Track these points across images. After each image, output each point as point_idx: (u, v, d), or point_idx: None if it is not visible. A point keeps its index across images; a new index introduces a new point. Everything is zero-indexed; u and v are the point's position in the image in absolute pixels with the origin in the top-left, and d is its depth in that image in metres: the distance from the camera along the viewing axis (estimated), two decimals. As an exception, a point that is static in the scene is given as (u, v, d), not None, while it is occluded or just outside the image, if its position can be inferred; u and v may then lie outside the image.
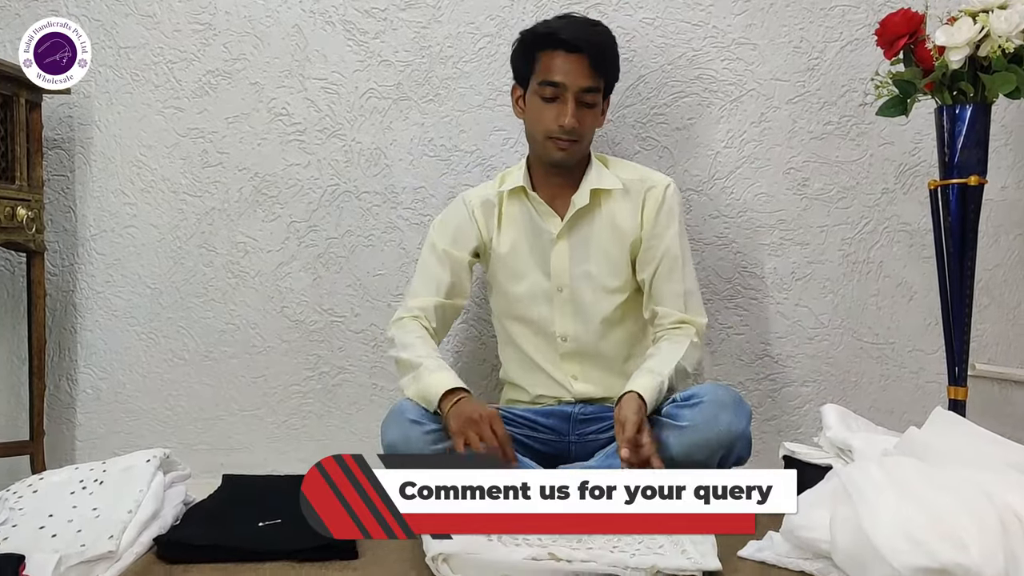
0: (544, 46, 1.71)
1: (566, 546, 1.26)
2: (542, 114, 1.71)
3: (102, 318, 2.09)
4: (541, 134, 1.71)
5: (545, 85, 1.69)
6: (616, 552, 1.25)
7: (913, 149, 2.05)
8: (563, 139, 1.69)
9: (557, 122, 1.68)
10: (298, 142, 2.07)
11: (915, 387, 2.09)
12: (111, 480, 1.37)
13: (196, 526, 1.35)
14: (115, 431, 2.09)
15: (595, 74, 1.70)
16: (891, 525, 1.06)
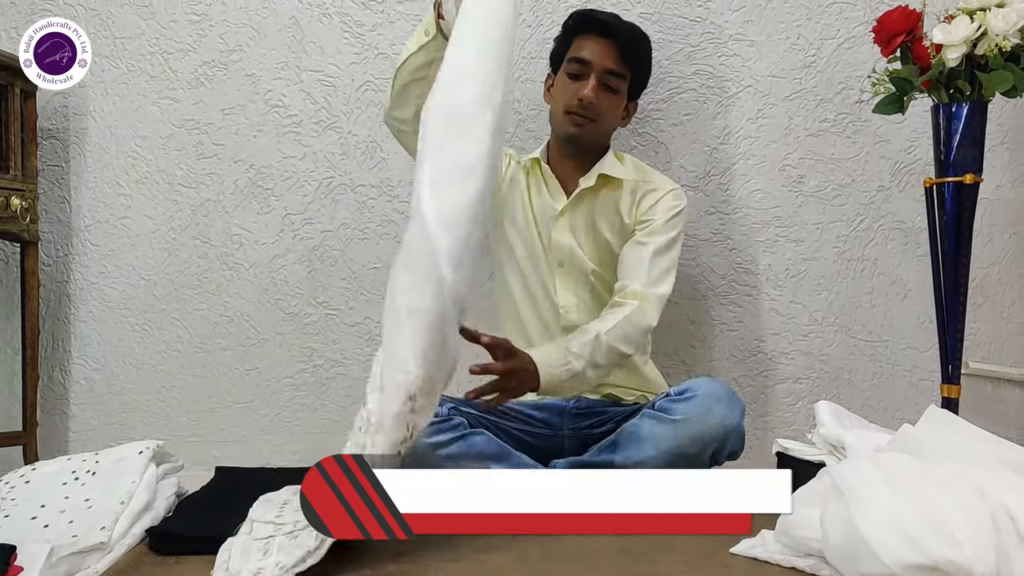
0: (581, 30, 1.78)
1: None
2: (565, 90, 1.75)
3: (96, 309, 2.08)
4: (561, 108, 1.76)
5: (573, 62, 1.75)
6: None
7: (909, 147, 2.05)
8: (580, 114, 1.73)
9: (576, 95, 1.72)
10: (294, 134, 2.07)
11: (908, 385, 2.09)
12: (104, 471, 1.36)
13: (188, 518, 1.34)
14: (108, 422, 2.09)
15: (622, 61, 1.74)
16: (883, 521, 1.06)
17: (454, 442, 1.60)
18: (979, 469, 1.16)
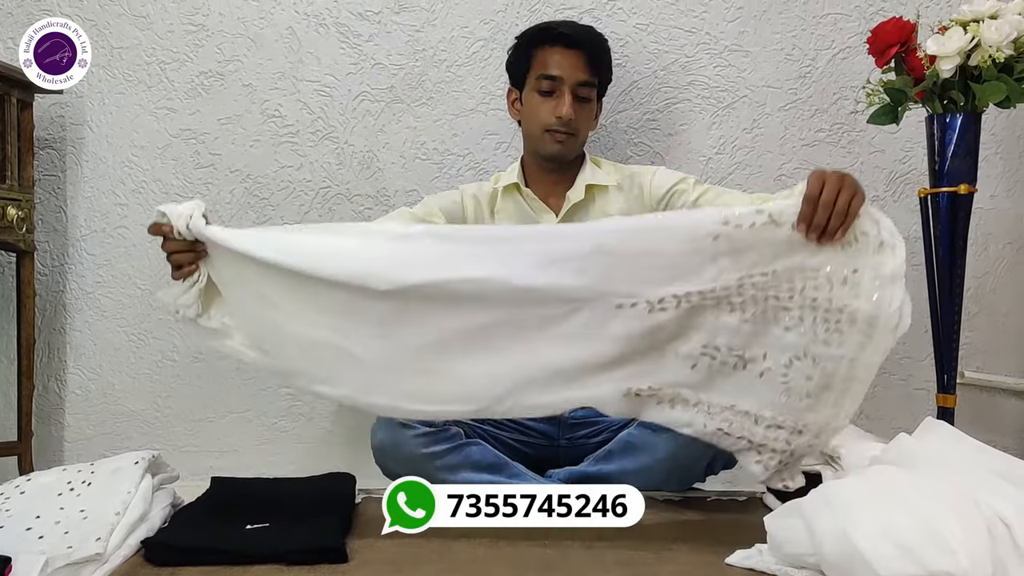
0: (541, 42, 1.76)
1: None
2: (539, 108, 1.74)
3: (92, 319, 2.08)
4: (538, 128, 1.74)
5: (543, 79, 1.73)
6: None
7: (903, 157, 2.06)
8: (560, 131, 1.72)
9: (554, 114, 1.71)
10: (290, 144, 2.07)
11: (904, 394, 2.09)
12: (99, 482, 1.36)
13: (184, 528, 1.34)
14: (104, 432, 2.09)
15: (591, 70, 1.74)
16: (878, 532, 1.06)
17: (450, 452, 1.59)
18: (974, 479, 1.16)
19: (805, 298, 1.31)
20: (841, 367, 1.30)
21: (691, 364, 1.34)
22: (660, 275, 1.33)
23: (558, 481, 1.66)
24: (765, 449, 1.35)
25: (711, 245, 1.30)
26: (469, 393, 1.38)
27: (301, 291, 1.36)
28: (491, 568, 1.23)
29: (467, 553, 1.27)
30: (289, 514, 1.39)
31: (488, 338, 1.36)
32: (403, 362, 1.38)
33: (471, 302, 1.34)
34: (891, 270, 1.29)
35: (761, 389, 1.33)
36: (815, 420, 1.32)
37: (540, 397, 1.37)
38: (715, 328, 1.33)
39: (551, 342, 1.35)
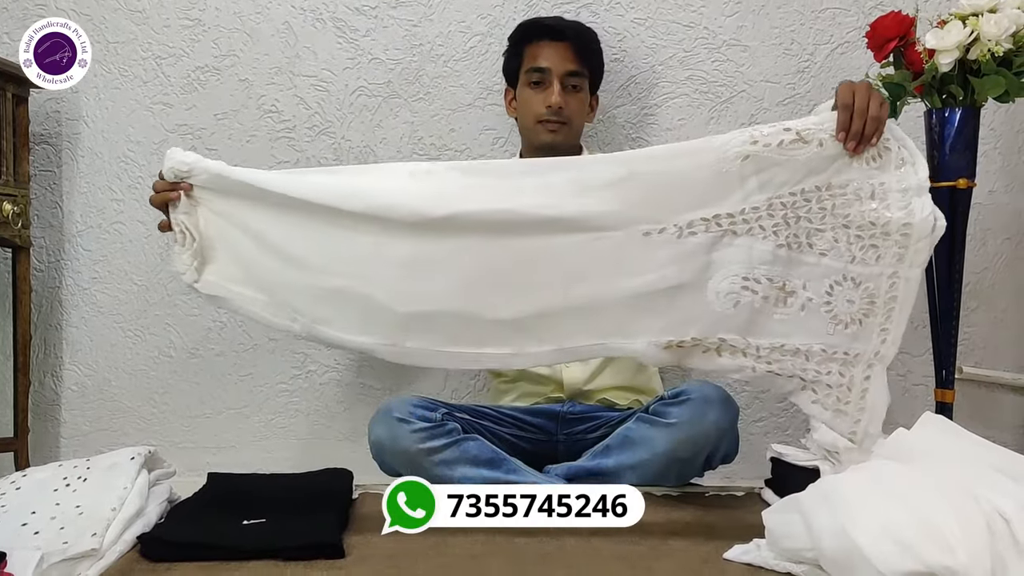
0: (530, 38, 1.81)
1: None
2: (531, 101, 1.78)
3: (88, 314, 2.08)
4: (531, 120, 1.78)
5: (532, 72, 1.78)
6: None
7: (902, 152, 2.05)
8: (552, 120, 1.76)
9: (545, 103, 1.75)
10: (287, 139, 2.06)
11: (902, 389, 2.08)
12: (95, 477, 1.35)
13: (180, 524, 1.33)
14: (100, 428, 2.08)
15: (579, 60, 1.78)
16: (876, 528, 1.05)
17: (447, 448, 1.59)
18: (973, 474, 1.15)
19: (837, 217, 1.33)
20: (882, 285, 1.33)
21: (733, 302, 1.35)
22: (688, 200, 1.35)
23: (556, 476, 1.65)
24: (820, 386, 1.36)
25: (739, 167, 1.33)
26: (507, 333, 1.39)
27: (320, 237, 1.38)
28: (489, 563, 1.23)
29: (464, 548, 1.27)
30: (286, 510, 1.38)
31: (518, 273, 1.37)
32: (433, 304, 1.38)
33: (501, 235, 1.36)
34: (916, 182, 1.33)
35: (807, 322, 1.35)
36: (863, 348, 1.34)
37: (578, 340, 1.38)
38: (750, 257, 1.34)
39: (582, 275, 1.36)
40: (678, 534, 1.36)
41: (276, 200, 1.40)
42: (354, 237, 1.38)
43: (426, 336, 1.41)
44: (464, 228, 1.36)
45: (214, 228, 1.44)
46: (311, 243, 1.40)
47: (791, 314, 1.35)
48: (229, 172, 1.42)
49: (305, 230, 1.40)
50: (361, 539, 1.32)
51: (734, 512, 1.49)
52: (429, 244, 1.37)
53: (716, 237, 1.35)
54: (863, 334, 1.34)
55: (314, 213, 1.39)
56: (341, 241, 1.39)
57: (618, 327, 1.38)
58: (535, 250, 1.37)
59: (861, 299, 1.33)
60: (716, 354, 1.37)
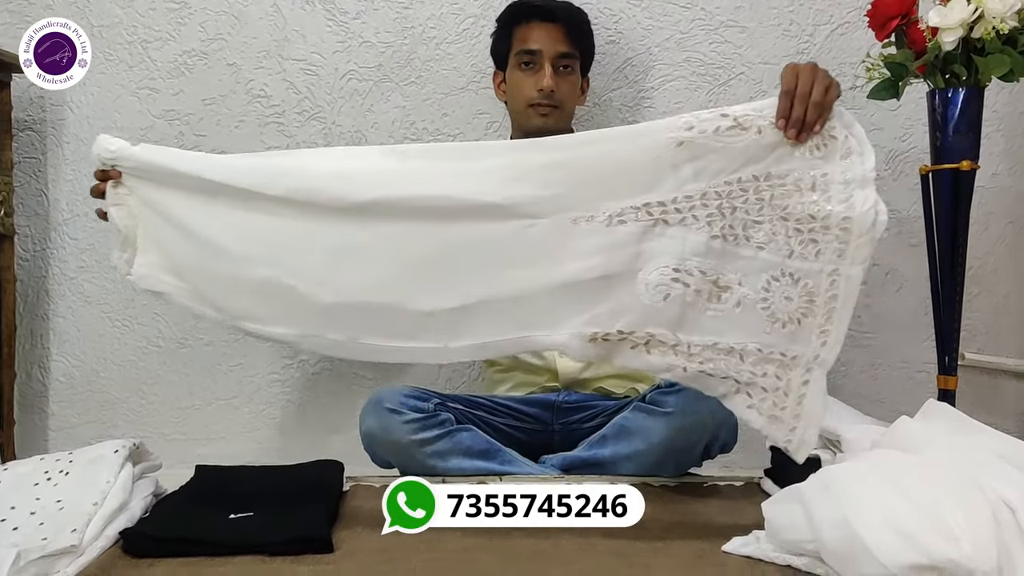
0: (520, 19, 1.77)
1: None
2: (521, 84, 1.74)
3: (75, 304, 2.04)
4: (522, 103, 1.74)
5: (522, 54, 1.74)
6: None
7: (903, 135, 2.02)
8: (543, 104, 1.72)
9: (536, 87, 1.71)
10: (276, 125, 2.02)
11: (904, 376, 2.06)
12: (77, 471, 1.31)
13: (164, 519, 1.30)
14: (88, 420, 2.05)
15: (571, 42, 1.74)
16: (879, 520, 1.02)
17: (440, 439, 1.56)
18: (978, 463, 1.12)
19: (775, 209, 1.26)
20: (821, 283, 1.25)
21: (663, 295, 1.28)
22: (620, 187, 1.29)
23: (552, 467, 1.63)
24: (755, 389, 1.28)
25: (673, 153, 1.27)
26: (430, 326, 1.33)
27: (242, 224, 1.33)
28: (482, 558, 1.19)
29: (457, 543, 1.23)
30: (274, 503, 1.35)
31: (445, 263, 1.32)
32: (356, 294, 1.33)
33: (428, 222, 1.31)
34: (861, 174, 1.25)
35: (742, 320, 1.27)
36: (802, 351, 1.26)
37: (505, 332, 1.32)
38: (683, 249, 1.28)
39: (510, 265, 1.31)
40: (676, 526, 1.33)
41: (201, 186, 1.34)
42: (276, 223, 1.33)
43: (348, 328, 1.35)
44: (389, 215, 1.30)
45: (143, 217, 1.38)
46: (234, 230, 1.34)
47: (725, 310, 1.28)
48: (153, 157, 1.35)
49: (228, 217, 1.34)
50: (351, 533, 1.29)
51: (733, 503, 1.46)
52: (353, 231, 1.31)
53: (647, 226, 1.28)
54: (802, 335, 1.26)
55: (237, 198, 1.33)
56: (263, 228, 1.33)
57: (543, 319, 1.31)
58: (463, 239, 1.32)
59: (800, 297, 1.26)
60: (645, 350, 1.29)
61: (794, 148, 1.27)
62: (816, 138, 1.26)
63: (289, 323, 1.36)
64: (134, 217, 1.38)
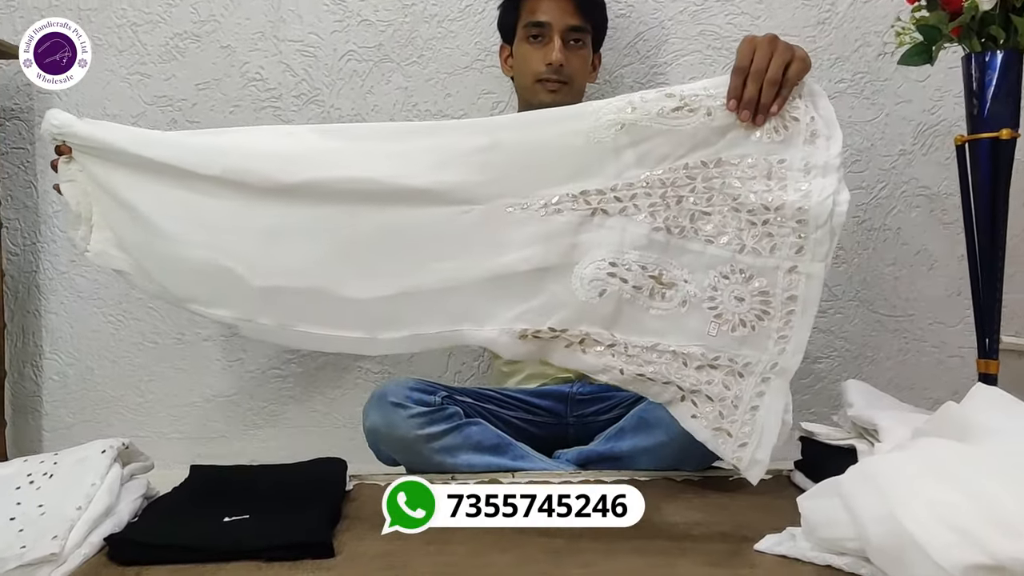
0: None
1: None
2: (529, 57, 1.65)
3: (67, 300, 1.97)
4: (530, 78, 1.65)
5: (531, 26, 1.65)
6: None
7: (933, 107, 1.92)
8: (552, 79, 1.63)
9: (544, 61, 1.62)
10: (273, 109, 1.94)
11: (936, 362, 1.96)
12: (62, 473, 1.23)
13: (154, 523, 1.21)
14: (84, 420, 1.98)
15: (581, 15, 1.65)
16: (932, 515, 0.93)
17: (448, 433, 1.48)
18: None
19: (726, 198, 1.17)
20: (777, 281, 1.15)
21: (599, 291, 1.19)
22: (557, 172, 1.21)
23: (567, 462, 1.56)
24: (700, 397, 1.18)
25: (614, 136, 1.19)
26: (359, 315, 1.26)
27: (181, 204, 1.27)
28: (496, 560, 1.11)
29: (468, 546, 1.15)
30: (272, 504, 1.26)
31: (373, 249, 1.25)
32: (286, 279, 1.26)
33: (356, 206, 1.24)
34: (823, 160, 1.15)
35: (686, 321, 1.18)
36: (756, 357, 1.16)
37: (433, 325, 1.25)
38: (622, 240, 1.19)
39: (441, 254, 1.24)
40: (702, 524, 1.24)
41: (143, 164, 1.28)
42: (214, 204, 1.27)
43: (278, 313, 1.28)
44: (319, 197, 1.24)
45: (95, 194, 1.32)
46: (175, 210, 1.29)
47: (670, 309, 1.19)
48: (96, 133, 1.30)
49: (169, 196, 1.28)
50: (353, 535, 1.20)
51: (762, 498, 1.36)
52: (284, 213, 1.25)
53: (584, 216, 1.20)
54: (754, 339, 1.17)
55: (178, 178, 1.27)
56: (202, 208, 1.28)
57: (472, 312, 1.24)
58: (392, 224, 1.24)
59: (752, 297, 1.16)
60: (580, 349, 1.21)
61: (750, 131, 1.18)
62: (775, 120, 1.17)
63: (229, 306, 1.31)
64: (87, 194, 1.32)
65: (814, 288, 1.15)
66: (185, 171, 1.26)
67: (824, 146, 1.16)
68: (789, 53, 1.18)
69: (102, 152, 1.30)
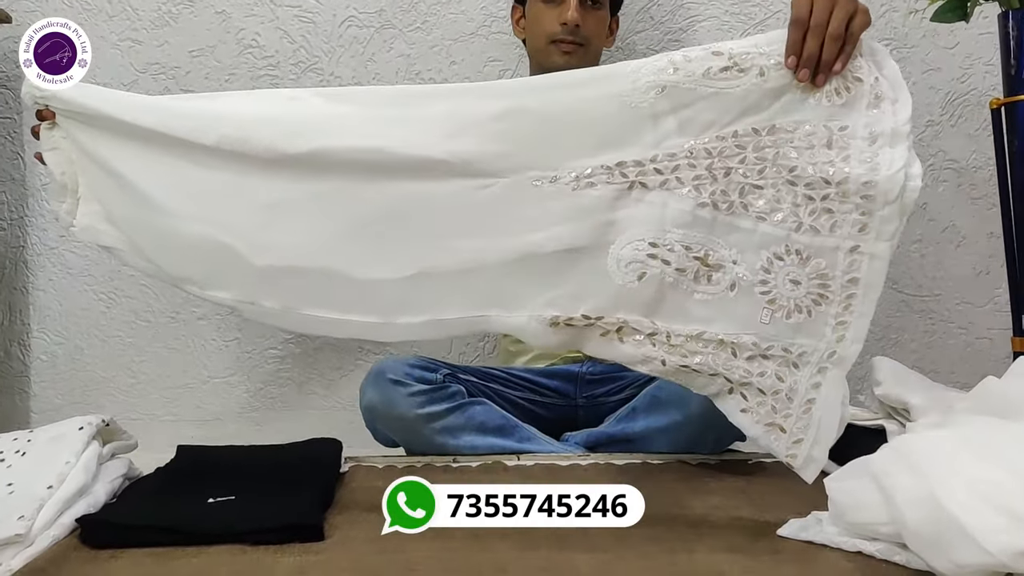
0: None
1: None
2: (543, 17, 1.56)
3: (56, 277, 1.90)
4: (544, 40, 1.56)
5: None
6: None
7: (962, 75, 1.84)
8: (567, 40, 1.54)
9: (559, 20, 1.53)
10: (270, 77, 1.88)
11: (964, 344, 1.88)
12: (35, 451, 1.16)
13: (133, 504, 1.14)
14: (73, 401, 1.91)
15: None
16: (976, 497, 0.84)
17: (451, 413, 1.42)
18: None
19: (780, 170, 1.06)
20: (838, 263, 1.04)
21: (637, 274, 1.08)
22: (589, 141, 1.10)
23: (575, 445, 1.49)
24: (750, 390, 1.07)
25: (653, 101, 1.08)
26: (372, 298, 1.15)
27: (175, 175, 1.17)
28: (496, 545, 1.04)
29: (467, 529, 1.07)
30: (260, 485, 1.19)
31: (388, 226, 1.14)
32: (292, 257, 1.16)
33: (368, 179, 1.13)
34: (891, 127, 1.04)
35: (735, 307, 1.07)
36: (813, 346, 1.06)
37: (454, 310, 1.14)
38: (663, 218, 1.08)
39: (461, 231, 1.13)
40: (720, 508, 1.17)
41: (134, 132, 1.18)
42: (210, 176, 1.17)
43: (284, 295, 1.17)
44: (325, 168, 1.13)
45: (81, 163, 1.23)
46: (168, 181, 1.19)
47: (717, 294, 1.08)
48: (83, 98, 1.20)
49: (162, 167, 1.18)
50: (346, 519, 1.13)
51: (783, 481, 1.26)
52: (288, 186, 1.15)
53: (621, 190, 1.08)
54: (811, 326, 1.06)
55: (171, 146, 1.17)
56: (197, 180, 1.18)
57: (498, 296, 1.13)
58: (408, 198, 1.13)
59: (810, 280, 1.05)
60: (617, 338, 1.09)
61: (807, 94, 1.06)
62: (836, 80, 1.06)
63: (227, 286, 1.20)
64: (72, 163, 1.22)
65: (878, 270, 1.04)
66: (178, 139, 1.17)
67: (890, 111, 1.05)
68: (852, 4, 1.06)
69: (88, 118, 1.20)
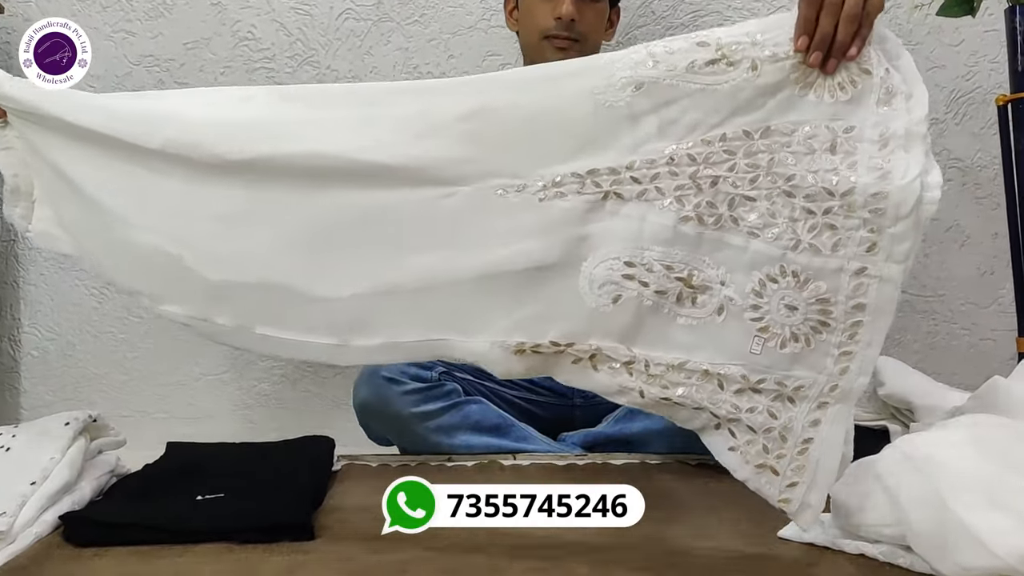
0: None
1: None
2: (536, 9, 1.51)
3: (48, 271, 1.89)
4: (537, 34, 1.51)
5: None
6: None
7: (967, 73, 1.82)
8: (561, 35, 1.49)
9: (554, 14, 1.47)
10: (266, 70, 1.86)
11: (968, 345, 1.86)
12: (19, 447, 1.13)
13: (118, 501, 1.12)
14: (64, 398, 1.89)
15: None
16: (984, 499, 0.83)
17: (445, 412, 1.40)
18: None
19: (775, 179, 0.92)
20: (841, 287, 0.91)
21: (612, 296, 0.97)
22: (559, 145, 0.98)
23: (572, 445, 1.48)
24: (739, 427, 0.96)
25: (630, 99, 0.95)
26: (327, 317, 1.06)
27: (125, 180, 1.09)
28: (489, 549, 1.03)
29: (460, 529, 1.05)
30: (249, 483, 1.17)
31: (342, 239, 1.05)
32: (244, 272, 1.07)
33: (321, 187, 1.04)
34: (904, 127, 0.90)
35: (722, 333, 0.96)
36: (811, 379, 0.94)
37: (412, 333, 1.04)
38: (641, 233, 0.96)
39: (419, 245, 1.03)
40: (719, 509, 1.14)
41: (80, 133, 1.11)
42: (159, 182, 1.08)
43: (237, 312, 1.08)
44: (275, 175, 1.04)
45: (35, 166, 1.16)
46: (116, 185, 1.11)
47: (702, 319, 0.96)
48: (24, 95, 1.12)
49: (110, 171, 1.10)
50: (337, 518, 1.11)
51: (784, 482, 1.26)
52: (237, 195, 1.06)
53: (594, 201, 0.97)
54: (809, 357, 0.93)
55: (117, 149, 1.09)
56: (146, 186, 1.09)
57: (457, 318, 1.02)
58: (364, 208, 1.04)
59: (808, 305, 0.92)
60: (591, 366, 0.99)
61: (805, 91, 0.93)
62: (841, 73, 0.92)
63: (179, 301, 1.11)
64: (27, 165, 1.15)
65: (888, 295, 0.92)
66: (122, 142, 1.09)
67: (903, 107, 0.91)
68: None
69: (38, 117, 1.13)
